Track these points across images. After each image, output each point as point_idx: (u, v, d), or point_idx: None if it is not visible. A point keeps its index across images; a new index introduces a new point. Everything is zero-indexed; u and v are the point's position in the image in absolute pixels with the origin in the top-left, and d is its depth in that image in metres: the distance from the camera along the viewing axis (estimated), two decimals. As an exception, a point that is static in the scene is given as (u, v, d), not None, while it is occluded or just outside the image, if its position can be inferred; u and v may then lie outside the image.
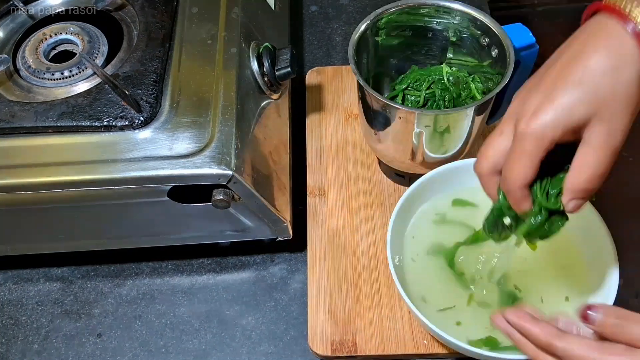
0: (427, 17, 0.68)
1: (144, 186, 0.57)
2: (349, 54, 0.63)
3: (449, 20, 0.67)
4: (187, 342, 0.65)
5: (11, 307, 0.68)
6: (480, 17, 0.65)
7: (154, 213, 0.61)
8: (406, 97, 0.70)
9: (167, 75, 0.62)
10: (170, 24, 0.65)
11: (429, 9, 0.67)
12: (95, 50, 0.64)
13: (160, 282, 0.69)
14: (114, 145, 0.57)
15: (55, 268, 0.71)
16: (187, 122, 0.59)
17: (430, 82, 0.68)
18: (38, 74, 0.63)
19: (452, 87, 0.68)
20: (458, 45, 0.69)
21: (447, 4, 0.66)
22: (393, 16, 0.67)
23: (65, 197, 0.58)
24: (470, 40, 0.68)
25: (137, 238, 0.66)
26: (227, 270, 0.70)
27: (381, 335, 0.63)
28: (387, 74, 0.73)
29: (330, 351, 0.62)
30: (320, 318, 0.64)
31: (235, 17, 0.67)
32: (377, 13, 0.66)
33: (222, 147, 0.57)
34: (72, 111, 0.59)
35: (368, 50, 0.68)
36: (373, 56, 0.69)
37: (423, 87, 0.68)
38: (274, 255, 0.70)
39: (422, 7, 0.67)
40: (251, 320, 0.66)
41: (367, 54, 0.68)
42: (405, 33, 0.69)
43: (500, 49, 0.63)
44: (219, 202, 0.58)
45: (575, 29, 0.46)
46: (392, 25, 0.68)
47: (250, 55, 0.66)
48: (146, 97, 0.59)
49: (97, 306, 0.68)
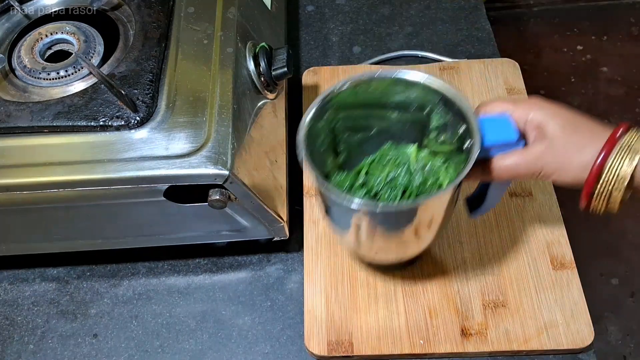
0: (396, 93, 0.59)
1: (140, 186, 0.57)
2: (298, 141, 0.54)
3: (426, 99, 0.58)
4: (183, 342, 0.64)
5: (7, 307, 0.68)
6: (453, 97, 0.55)
7: (150, 213, 0.61)
8: (370, 173, 0.62)
9: (164, 75, 0.62)
10: (166, 24, 0.65)
11: (397, 84, 0.58)
12: (91, 50, 0.64)
13: (156, 282, 0.69)
14: (110, 145, 0.57)
15: (51, 268, 0.70)
16: (184, 122, 0.58)
17: (395, 165, 0.61)
18: (34, 73, 0.63)
19: (417, 173, 0.60)
20: (436, 127, 0.60)
21: (419, 81, 0.57)
22: (349, 92, 0.57)
23: (61, 197, 0.58)
24: (446, 125, 0.59)
25: (133, 238, 0.66)
26: (223, 270, 0.70)
27: (377, 335, 0.63)
28: (359, 148, 0.64)
29: (326, 351, 0.62)
30: (317, 318, 0.64)
31: (232, 17, 0.67)
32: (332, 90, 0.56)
33: (218, 147, 0.57)
34: (68, 111, 0.58)
35: (332, 126, 0.60)
36: (341, 131, 0.62)
37: (384, 172, 0.61)
38: (271, 255, 0.70)
39: (385, 81, 0.58)
40: (247, 320, 0.66)
41: (333, 130, 0.60)
42: (363, 111, 0.61)
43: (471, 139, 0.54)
44: (215, 202, 0.57)
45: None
46: (347, 103, 0.59)
47: (246, 55, 0.66)
48: (142, 97, 0.59)
49: (93, 306, 0.67)
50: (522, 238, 0.68)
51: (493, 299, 0.64)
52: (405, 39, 0.90)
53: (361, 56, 0.88)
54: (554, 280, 0.65)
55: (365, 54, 0.88)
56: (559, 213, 0.70)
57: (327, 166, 0.62)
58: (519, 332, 0.62)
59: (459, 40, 0.89)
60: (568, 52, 2.03)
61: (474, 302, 0.64)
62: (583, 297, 0.64)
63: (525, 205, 0.70)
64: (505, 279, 0.65)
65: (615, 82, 1.97)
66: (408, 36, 0.90)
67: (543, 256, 0.67)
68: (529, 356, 0.62)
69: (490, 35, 0.90)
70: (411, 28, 0.91)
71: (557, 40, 2.06)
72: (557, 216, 0.69)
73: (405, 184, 0.60)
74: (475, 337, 0.62)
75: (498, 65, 0.84)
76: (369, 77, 0.57)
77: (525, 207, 0.70)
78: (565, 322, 0.62)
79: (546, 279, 0.65)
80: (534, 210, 0.70)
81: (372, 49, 0.89)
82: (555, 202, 0.71)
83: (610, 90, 1.95)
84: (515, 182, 0.72)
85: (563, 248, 0.67)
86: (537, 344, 0.61)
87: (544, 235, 0.68)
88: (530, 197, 0.71)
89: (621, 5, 2.16)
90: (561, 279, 0.65)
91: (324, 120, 0.58)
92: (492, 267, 0.66)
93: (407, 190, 0.60)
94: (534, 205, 0.70)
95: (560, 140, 0.51)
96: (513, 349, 0.61)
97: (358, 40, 0.90)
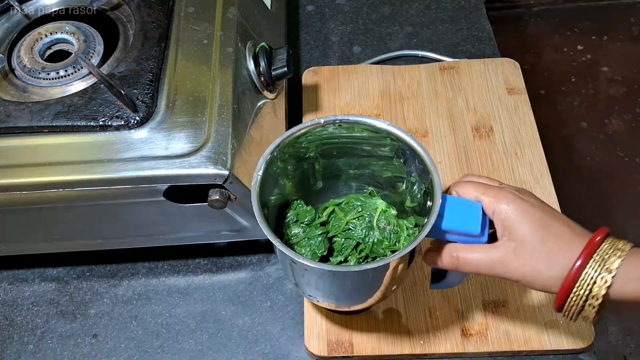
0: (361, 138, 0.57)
1: (139, 186, 0.57)
2: (252, 183, 0.52)
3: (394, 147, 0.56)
4: (183, 342, 0.64)
5: (6, 307, 0.68)
6: (417, 149, 0.53)
7: (150, 213, 0.61)
8: (334, 215, 0.61)
9: (163, 74, 0.62)
10: (166, 24, 0.65)
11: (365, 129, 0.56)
12: (90, 50, 0.64)
13: (156, 282, 0.69)
14: (110, 145, 0.57)
15: (50, 268, 0.70)
16: (183, 122, 0.58)
17: (357, 214, 0.60)
18: (33, 73, 0.63)
19: (376, 231, 0.59)
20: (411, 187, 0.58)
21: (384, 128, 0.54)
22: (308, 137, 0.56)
23: (60, 197, 0.57)
24: (422, 190, 0.56)
25: (133, 238, 0.66)
26: (223, 270, 0.70)
27: (377, 336, 0.63)
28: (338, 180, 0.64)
29: (326, 351, 0.62)
30: (317, 318, 0.64)
31: (232, 17, 0.67)
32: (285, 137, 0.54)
33: (218, 147, 0.57)
34: (67, 111, 0.58)
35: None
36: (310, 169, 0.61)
37: (344, 219, 0.60)
38: (270, 255, 0.70)
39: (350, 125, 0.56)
40: (247, 320, 0.66)
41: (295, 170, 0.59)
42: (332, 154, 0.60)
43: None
44: (215, 202, 0.57)
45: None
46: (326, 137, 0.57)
47: (246, 54, 0.65)
48: (142, 97, 0.59)
49: (93, 306, 0.67)
50: (523, 238, 0.68)
51: (493, 298, 0.64)
52: (405, 38, 0.90)
53: (361, 56, 0.88)
54: (555, 280, 0.65)
55: (366, 54, 0.88)
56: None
57: (299, 189, 0.61)
58: (519, 332, 0.62)
59: (459, 40, 0.89)
60: (568, 52, 2.03)
61: (474, 302, 0.64)
62: (583, 297, 0.64)
63: (526, 205, 0.70)
64: (506, 279, 0.65)
65: (615, 82, 1.96)
66: (408, 36, 0.90)
67: (543, 256, 0.66)
68: (530, 356, 0.62)
69: (491, 35, 0.90)
70: (411, 28, 0.91)
71: (557, 40, 2.06)
72: (558, 216, 0.69)
73: (362, 238, 0.59)
74: (475, 337, 0.62)
75: (498, 65, 0.83)
76: (352, 121, 0.55)
77: (525, 207, 0.70)
78: (566, 322, 0.62)
79: (546, 279, 0.65)
80: (534, 210, 0.70)
81: (372, 48, 0.89)
82: (555, 201, 0.71)
83: (611, 90, 1.95)
84: (516, 181, 0.72)
85: (563, 248, 0.67)
86: (537, 344, 0.61)
87: (544, 235, 0.68)
88: (531, 197, 0.71)
89: (621, 5, 2.16)
90: (561, 279, 0.65)
91: (302, 144, 0.56)
92: (492, 267, 0.66)
93: (360, 245, 0.59)
94: (534, 205, 0.70)
95: (527, 247, 0.46)
96: (513, 349, 0.61)
97: (358, 40, 0.90)
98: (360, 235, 0.59)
